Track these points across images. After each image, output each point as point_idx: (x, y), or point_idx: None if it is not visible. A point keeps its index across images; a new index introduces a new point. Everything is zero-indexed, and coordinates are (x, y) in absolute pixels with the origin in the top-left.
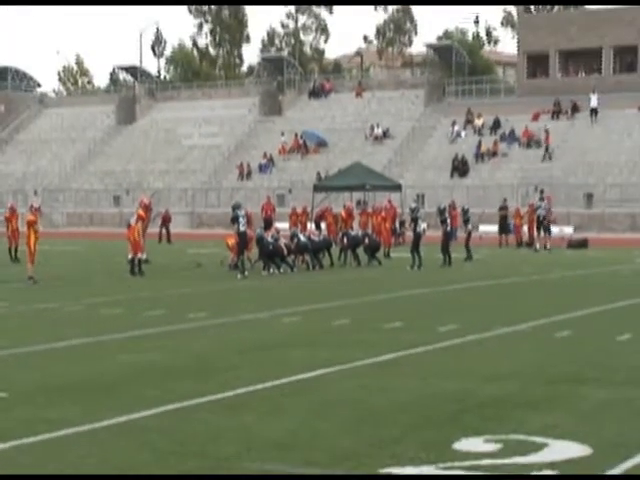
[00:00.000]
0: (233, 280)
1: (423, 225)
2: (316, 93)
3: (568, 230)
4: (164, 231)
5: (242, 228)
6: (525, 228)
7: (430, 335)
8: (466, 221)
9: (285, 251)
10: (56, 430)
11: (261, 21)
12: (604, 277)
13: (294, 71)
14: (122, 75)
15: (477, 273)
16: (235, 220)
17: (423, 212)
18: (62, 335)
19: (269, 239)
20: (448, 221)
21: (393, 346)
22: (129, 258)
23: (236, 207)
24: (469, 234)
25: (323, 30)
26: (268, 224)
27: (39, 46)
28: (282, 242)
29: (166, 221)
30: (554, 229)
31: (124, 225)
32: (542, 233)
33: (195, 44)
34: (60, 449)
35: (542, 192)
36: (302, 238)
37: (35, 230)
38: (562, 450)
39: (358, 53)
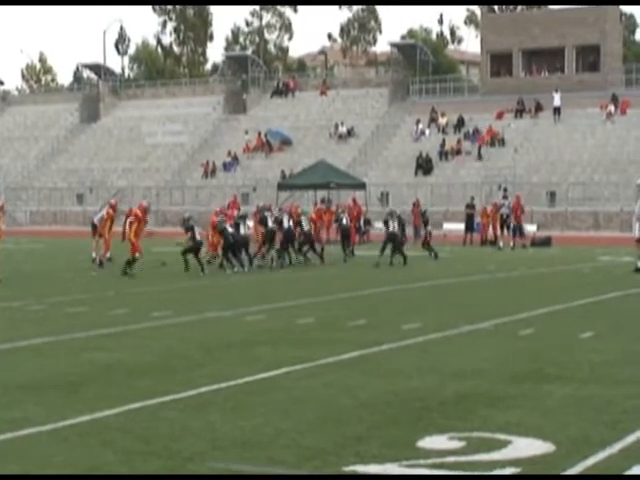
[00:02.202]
0: (197, 278)
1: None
2: (280, 91)
3: (531, 228)
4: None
5: (198, 237)
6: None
7: (394, 333)
8: (425, 222)
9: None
10: (19, 429)
11: (225, 19)
12: (567, 275)
13: (258, 69)
14: (86, 73)
15: (441, 271)
16: (190, 229)
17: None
18: (25, 334)
19: (229, 228)
20: (392, 224)
21: (357, 344)
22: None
23: (187, 220)
24: (428, 235)
25: (287, 28)
26: None
27: (2, 44)
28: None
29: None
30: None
31: (88, 223)
32: (505, 232)
33: (159, 42)
34: (23, 449)
35: (505, 190)
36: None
37: None
38: (525, 447)
39: (322, 51)
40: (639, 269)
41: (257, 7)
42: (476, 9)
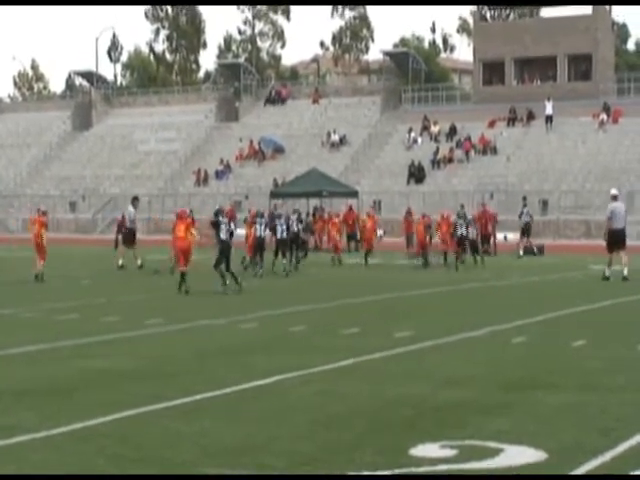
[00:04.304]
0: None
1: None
2: (273, 99)
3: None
4: (119, 237)
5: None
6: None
7: (387, 341)
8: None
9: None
10: (12, 437)
11: (218, 27)
12: (559, 283)
13: (251, 77)
14: (78, 80)
15: (435, 279)
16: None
17: (379, 219)
18: (17, 341)
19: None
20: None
21: (350, 352)
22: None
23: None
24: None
25: (280, 36)
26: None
27: None
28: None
29: (122, 227)
30: (510, 235)
31: (80, 231)
32: (525, 239)
33: (152, 50)
34: (16, 456)
35: (525, 199)
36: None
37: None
38: (518, 455)
39: (315, 59)
40: (607, 277)
41: (250, 15)
42: (468, 17)
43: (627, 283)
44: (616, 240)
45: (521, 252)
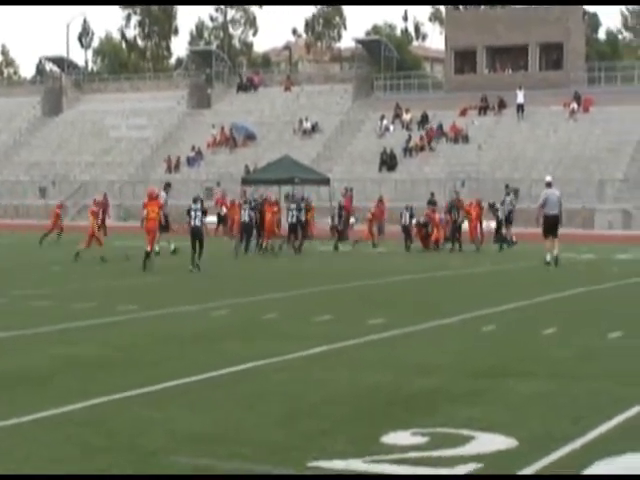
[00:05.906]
0: (161, 273)
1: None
2: (245, 86)
3: (494, 225)
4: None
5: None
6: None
7: (360, 328)
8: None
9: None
10: None
11: (190, 14)
12: (530, 272)
13: (223, 64)
14: (48, 66)
15: (407, 267)
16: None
17: (352, 206)
18: None
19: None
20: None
21: (323, 339)
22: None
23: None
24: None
25: (252, 24)
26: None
27: None
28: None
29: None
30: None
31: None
32: (507, 228)
33: (123, 36)
34: None
35: (507, 187)
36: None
37: None
38: (489, 443)
39: (287, 47)
40: (548, 262)
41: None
42: (441, 6)
43: (597, 271)
44: (550, 226)
45: (514, 238)
